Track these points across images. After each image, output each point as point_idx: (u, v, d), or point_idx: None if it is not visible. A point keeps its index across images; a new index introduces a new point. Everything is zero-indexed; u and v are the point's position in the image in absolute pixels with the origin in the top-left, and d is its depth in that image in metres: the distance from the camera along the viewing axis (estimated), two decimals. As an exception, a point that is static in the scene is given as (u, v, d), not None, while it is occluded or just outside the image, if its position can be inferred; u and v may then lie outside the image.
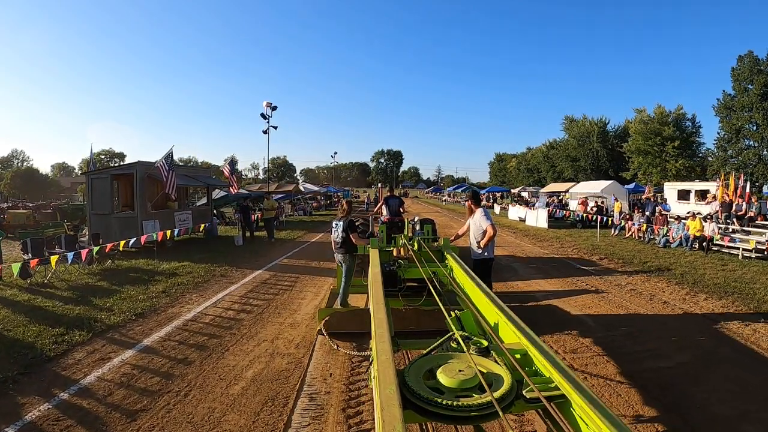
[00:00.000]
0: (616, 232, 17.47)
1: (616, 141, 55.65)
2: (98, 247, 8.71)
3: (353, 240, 6.18)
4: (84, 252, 8.30)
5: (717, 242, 13.28)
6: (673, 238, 14.84)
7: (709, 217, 14.71)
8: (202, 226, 12.07)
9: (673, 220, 15.75)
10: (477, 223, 6.00)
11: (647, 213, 17.46)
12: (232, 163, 15.77)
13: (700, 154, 44.75)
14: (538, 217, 20.72)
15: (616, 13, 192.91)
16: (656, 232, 15.18)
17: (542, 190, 46.60)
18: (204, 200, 23.83)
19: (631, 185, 38.47)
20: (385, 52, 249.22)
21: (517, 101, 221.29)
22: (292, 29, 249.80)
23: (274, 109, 21.01)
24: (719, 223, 14.63)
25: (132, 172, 13.24)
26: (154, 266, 10.51)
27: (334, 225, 6.46)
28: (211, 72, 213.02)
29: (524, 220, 22.99)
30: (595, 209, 21.78)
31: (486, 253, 5.98)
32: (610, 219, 16.99)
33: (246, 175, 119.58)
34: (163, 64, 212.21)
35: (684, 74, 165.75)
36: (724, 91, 40.06)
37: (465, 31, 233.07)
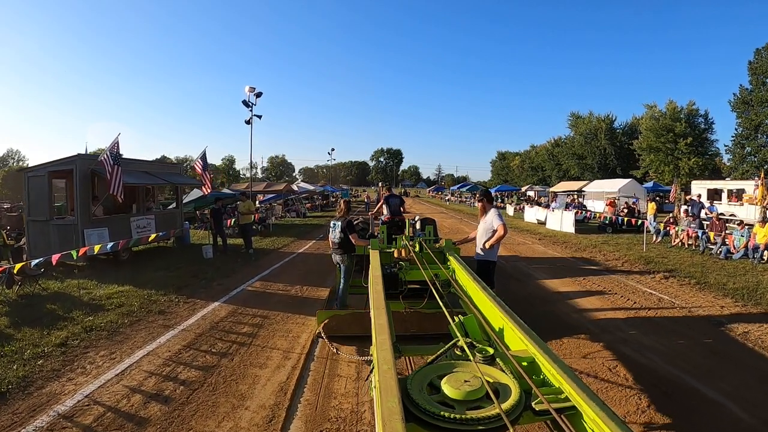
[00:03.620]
0: (659, 238, 14.80)
1: (624, 138, 53.33)
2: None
3: (353, 240, 6.02)
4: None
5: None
6: (735, 248, 12.23)
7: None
8: (152, 236, 9.40)
9: (735, 225, 13.08)
10: (488, 222, 5.64)
11: (694, 216, 14.86)
12: (204, 157, 13.02)
13: (711, 152, 42.21)
14: (562, 220, 18.02)
15: (613, 15, 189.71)
16: (719, 240, 12.50)
17: (551, 189, 44.05)
18: (185, 201, 21.24)
19: (650, 184, 36.01)
20: (384, 55, 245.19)
21: (518, 101, 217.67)
22: (292, 32, 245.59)
23: (258, 95, 18.22)
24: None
25: (71, 168, 10.54)
26: (88, 291, 7.93)
27: (332, 225, 6.32)
28: (210, 72, 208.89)
29: (544, 223, 20.29)
30: (626, 211, 19.15)
31: (489, 255, 5.61)
32: (661, 224, 14.28)
33: (244, 174, 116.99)
34: (161, 64, 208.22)
35: (680, 72, 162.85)
36: (741, 85, 37.71)
37: (466, 35, 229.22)
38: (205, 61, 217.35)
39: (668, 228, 14.02)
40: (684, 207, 18.55)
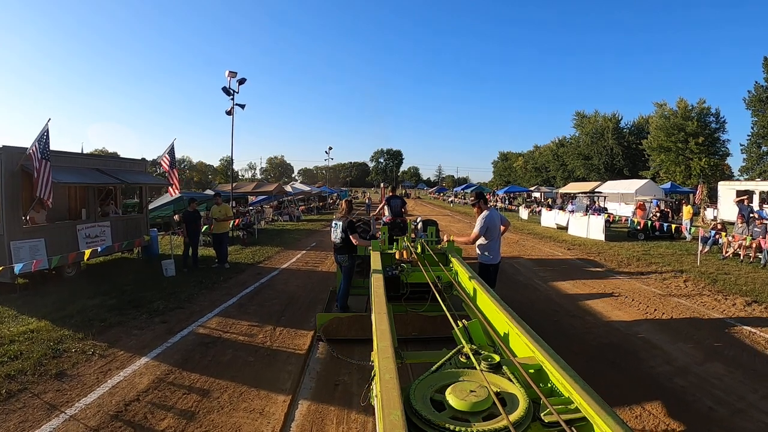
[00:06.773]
0: (707, 248, 12.69)
1: (632, 138, 51.43)
2: None
3: (354, 241, 5.91)
4: None
5: None
6: (805, 261, 10.18)
7: None
8: (87, 252, 7.25)
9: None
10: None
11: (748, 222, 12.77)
12: (172, 152, 10.87)
13: (722, 151, 40.28)
14: (589, 226, 15.88)
15: (613, 15, 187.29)
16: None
17: (560, 190, 41.98)
18: (162, 204, 19.02)
19: (667, 185, 33.97)
20: (384, 56, 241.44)
21: (519, 102, 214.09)
22: (292, 34, 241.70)
23: (241, 82, 16.02)
24: None
25: (-4, 165, 8.39)
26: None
27: (333, 225, 6.20)
28: (210, 73, 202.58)
29: (565, 228, 18.14)
30: (658, 215, 17.05)
31: (491, 258, 5.34)
32: (722, 234, 12.15)
33: (243, 176, 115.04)
34: (162, 65, 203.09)
35: (681, 73, 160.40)
36: (756, 82, 35.78)
37: (466, 34, 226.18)
38: (205, 62, 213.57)
39: (731, 237, 11.87)
40: (720, 210, 16.44)
